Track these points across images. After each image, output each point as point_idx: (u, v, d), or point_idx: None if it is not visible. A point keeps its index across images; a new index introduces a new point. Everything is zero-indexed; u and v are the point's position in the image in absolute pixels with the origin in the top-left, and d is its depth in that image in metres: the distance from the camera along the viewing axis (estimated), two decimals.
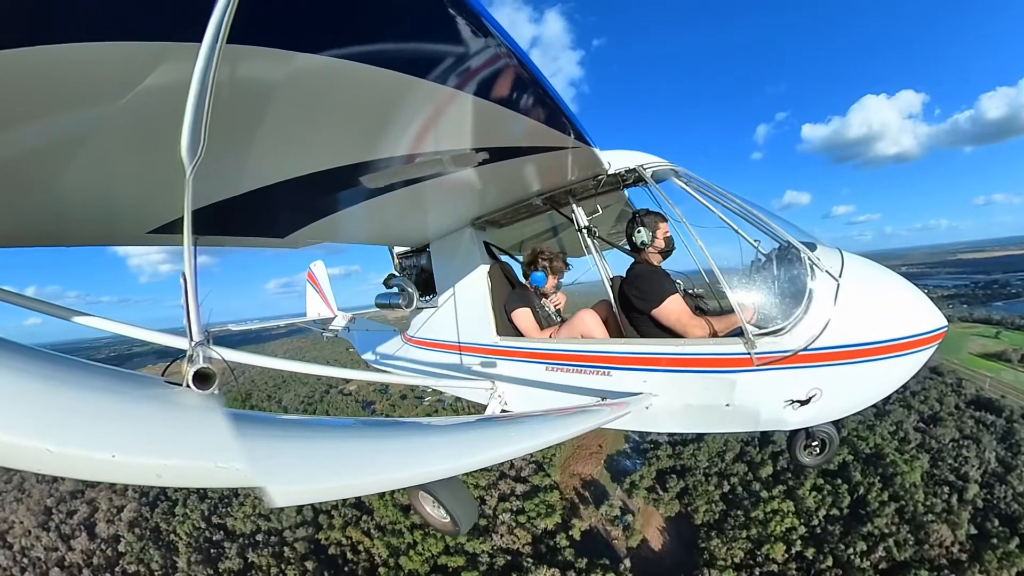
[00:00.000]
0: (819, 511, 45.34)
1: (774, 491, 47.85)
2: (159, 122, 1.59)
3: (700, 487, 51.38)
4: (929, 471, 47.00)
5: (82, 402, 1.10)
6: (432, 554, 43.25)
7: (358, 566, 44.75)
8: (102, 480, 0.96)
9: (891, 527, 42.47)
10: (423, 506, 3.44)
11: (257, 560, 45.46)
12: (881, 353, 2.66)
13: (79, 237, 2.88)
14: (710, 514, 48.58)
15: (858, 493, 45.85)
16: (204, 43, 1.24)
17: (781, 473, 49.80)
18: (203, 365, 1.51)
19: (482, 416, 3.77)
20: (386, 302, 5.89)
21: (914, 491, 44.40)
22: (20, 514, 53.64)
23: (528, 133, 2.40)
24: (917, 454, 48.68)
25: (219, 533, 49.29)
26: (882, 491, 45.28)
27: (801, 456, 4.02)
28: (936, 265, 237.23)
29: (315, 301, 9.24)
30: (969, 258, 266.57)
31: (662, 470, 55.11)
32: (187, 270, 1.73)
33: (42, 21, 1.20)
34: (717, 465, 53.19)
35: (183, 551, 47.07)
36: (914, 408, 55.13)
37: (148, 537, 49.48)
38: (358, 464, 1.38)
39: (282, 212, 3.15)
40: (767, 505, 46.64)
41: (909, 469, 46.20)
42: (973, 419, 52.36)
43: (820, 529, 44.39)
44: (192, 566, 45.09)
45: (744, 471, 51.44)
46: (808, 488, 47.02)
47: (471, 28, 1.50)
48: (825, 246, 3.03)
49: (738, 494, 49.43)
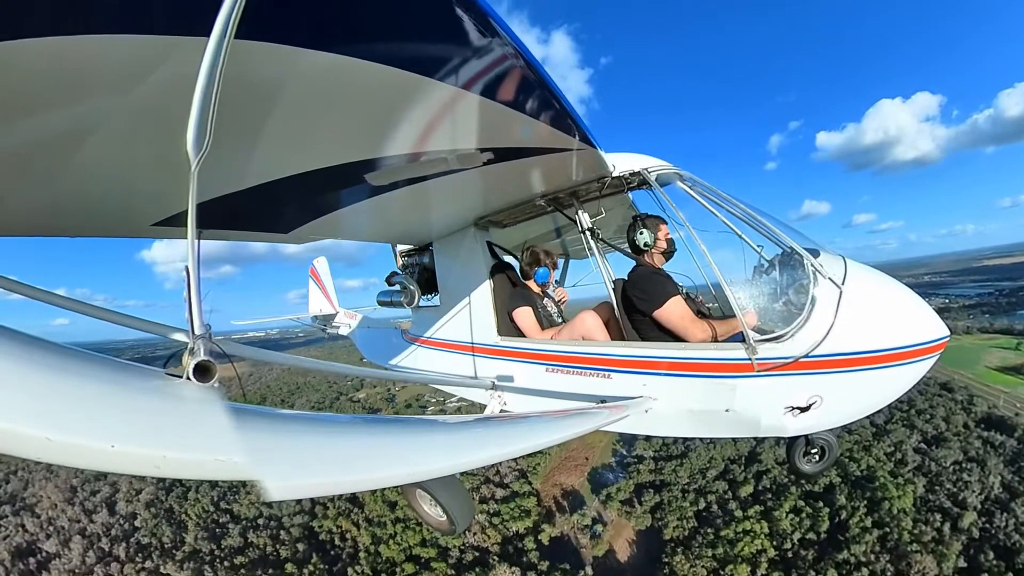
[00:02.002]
0: (794, 534, 44.47)
1: (749, 511, 47.34)
2: (166, 115, 1.60)
3: (675, 503, 51.24)
4: (924, 496, 44.91)
5: (83, 392, 1.11)
6: (409, 545, 46.88)
7: (343, 551, 48.88)
8: (101, 469, 0.97)
9: (870, 555, 40.96)
10: (420, 505, 3.44)
11: (256, 540, 49.88)
12: (882, 362, 2.65)
13: (83, 228, 2.90)
14: (680, 530, 48.45)
15: (840, 518, 44.47)
16: (212, 38, 1.25)
17: (762, 493, 49.24)
18: (204, 358, 1.52)
19: (481, 415, 3.77)
20: (388, 299, 5.90)
21: (902, 518, 42.54)
22: (48, 490, 57.91)
23: (533, 134, 2.40)
24: (913, 478, 46.51)
25: (225, 516, 53.46)
26: (866, 516, 43.65)
27: (801, 464, 4.01)
28: (960, 273, 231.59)
29: (317, 297, 9.27)
30: (995, 264, 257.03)
31: (641, 484, 55.22)
32: (190, 263, 1.74)
33: (53, 12, 1.21)
34: (697, 482, 52.90)
35: (191, 529, 51.61)
36: (917, 428, 52.42)
37: (162, 516, 53.62)
38: (356, 460, 1.38)
39: (286, 208, 3.16)
40: (739, 525, 46.05)
41: (900, 494, 44.28)
42: (981, 439, 49.54)
43: (792, 553, 43.38)
44: (198, 541, 49.84)
45: (724, 489, 50.86)
46: (786, 510, 46.28)
47: (479, 28, 1.50)
48: (829, 253, 3.03)
49: (712, 512, 48.94)
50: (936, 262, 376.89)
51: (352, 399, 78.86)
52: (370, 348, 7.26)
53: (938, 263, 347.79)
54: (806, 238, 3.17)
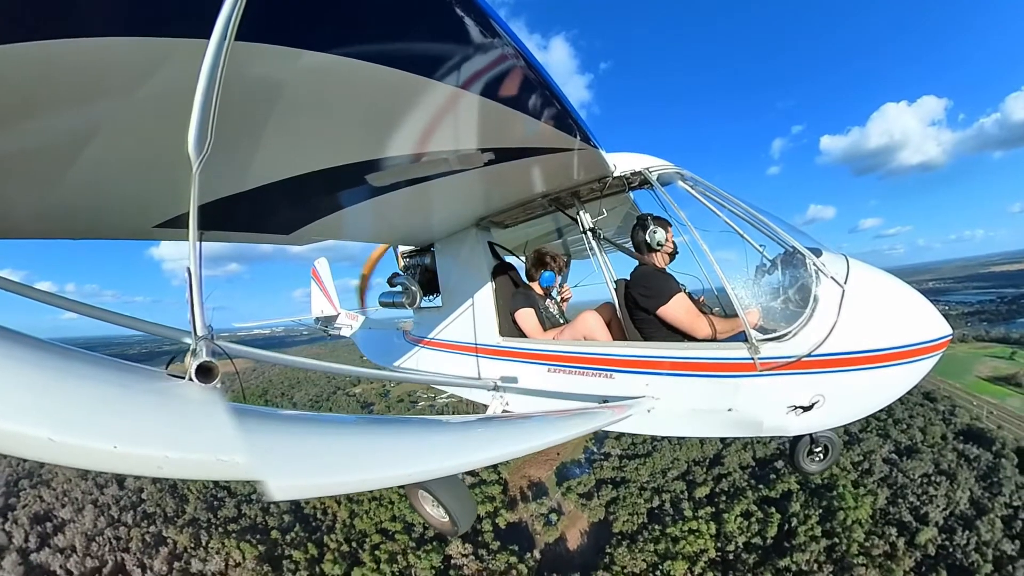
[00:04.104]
0: (740, 537, 45.14)
1: (700, 512, 48.67)
2: (167, 117, 1.60)
3: (630, 499, 53.55)
4: (884, 509, 44.37)
5: (85, 392, 1.11)
6: (380, 519, 52.97)
7: (323, 523, 55.07)
8: (103, 470, 0.97)
9: (812, 565, 41.09)
10: (423, 505, 3.44)
11: (248, 512, 56.97)
12: (885, 360, 2.64)
13: (86, 230, 2.91)
14: (629, 524, 50.71)
15: (790, 525, 44.72)
16: (212, 40, 1.26)
17: (717, 496, 50.44)
18: (206, 359, 1.52)
19: (483, 416, 3.77)
20: (389, 300, 5.90)
21: (855, 529, 42.18)
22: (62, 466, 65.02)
23: (534, 134, 2.40)
24: (876, 488, 45.93)
25: (223, 491, 59.99)
26: (818, 525, 43.63)
27: (804, 463, 4.00)
28: (965, 279, 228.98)
29: (319, 299, 9.29)
30: (1002, 270, 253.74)
31: (602, 479, 57.55)
32: (192, 264, 1.74)
33: (54, 15, 1.22)
34: (657, 480, 55.08)
35: (192, 501, 58.49)
36: (891, 437, 51.70)
37: (166, 489, 60.16)
38: (358, 460, 1.38)
39: (287, 209, 3.16)
40: (687, 524, 47.39)
41: (857, 505, 43.89)
42: (956, 452, 48.41)
43: (733, 556, 43.96)
44: (197, 511, 56.94)
45: (682, 489, 52.77)
46: (737, 513, 47.12)
47: (479, 28, 1.50)
48: (831, 252, 3.02)
49: (664, 510, 51.10)
50: (944, 268, 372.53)
51: (348, 393, 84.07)
52: (372, 349, 7.27)
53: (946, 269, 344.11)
54: (808, 237, 3.16)
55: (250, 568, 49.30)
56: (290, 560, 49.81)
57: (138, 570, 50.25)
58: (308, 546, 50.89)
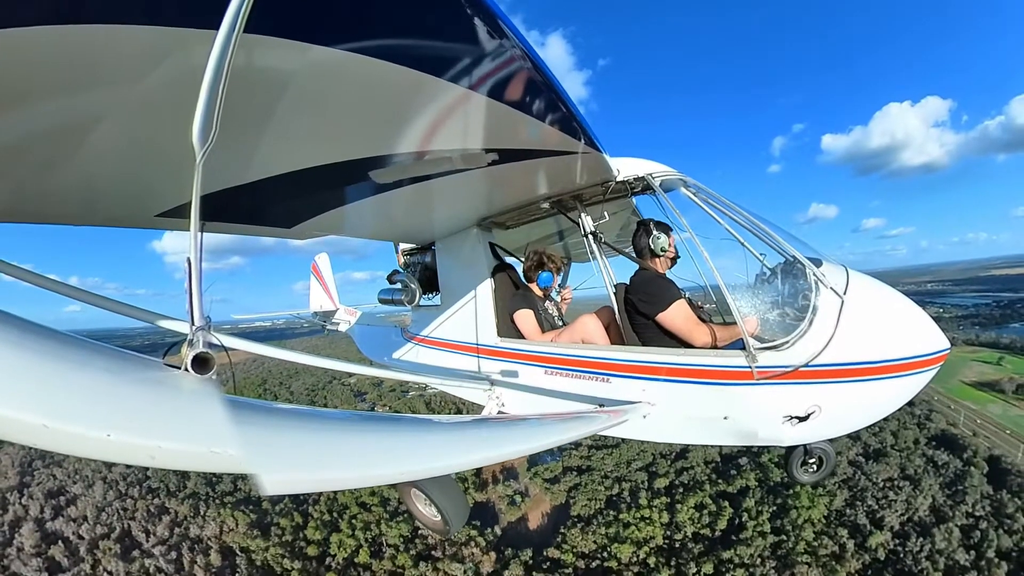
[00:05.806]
0: (689, 527, 46.54)
1: (656, 501, 50.48)
2: (172, 107, 1.60)
3: (591, 485, 56.35)
4: (840, 510, 44.63)
5: (80, 380, 1.11)
6: (360, 493, 55.33)
7: (310, 496, 57.74)
8: (96, 458, 0.97)
9: (755, 559, 41.65)
10: (415, 504, 3.43)
11: (243, 487, 60.34)
12: (882, 373, 2.64)
13: (86, 217, 2.90)
14: (586, 508, 53.73)
15: (740, 519, 45.58)
16: (221, 31, 1.25)
17: (676, 488, 52.31)
18: (203, 350, 1.52)
19: (479, 416, 3.76)
20: (389, 297, 5.90)
21: (805, 528, 42.66)
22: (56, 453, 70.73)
23: (539, 136, 2.40)
24: (835, 490, 46.13)
25: None
26: (768, 522, 44.34)
27: (798, 473, 4.00)
28: (964, 282, 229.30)
29: (318, 294, 9.28)
30: (1002, 274, 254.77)
31: (568, 467, 60.58)
32: (192, 255, 1.74)
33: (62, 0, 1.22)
34: (621, 470, 57.62)
35: (192, 477, 61.91)
36: (861, 440, 51.72)
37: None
38: (351, 457, 1.37)
39: (289, 202, 3.16)
40: (640, 512, 49.36)
41: (812, 504, 44.31)
42: (925, 457, 48.62)
43: (680, 544, 45.38)
44: (197, 486, 61.63)
45: (643, 479, 54.99)
46: (690, 505, 48.56)
47: (487, 29, 1.50)
48: (831, 263, 3.02)
49: (622, 497, 53.56)
50: (945, 270, 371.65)
51: (343, 383, 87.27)
52: (369, 345, 7.26)
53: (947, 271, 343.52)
54: (809, 247, 3.17)
55: (242, 532, 54.52)
56: (277, 527, 54.66)
57: (143, 534, 55.83)
58: (295, 515, 55.62)
